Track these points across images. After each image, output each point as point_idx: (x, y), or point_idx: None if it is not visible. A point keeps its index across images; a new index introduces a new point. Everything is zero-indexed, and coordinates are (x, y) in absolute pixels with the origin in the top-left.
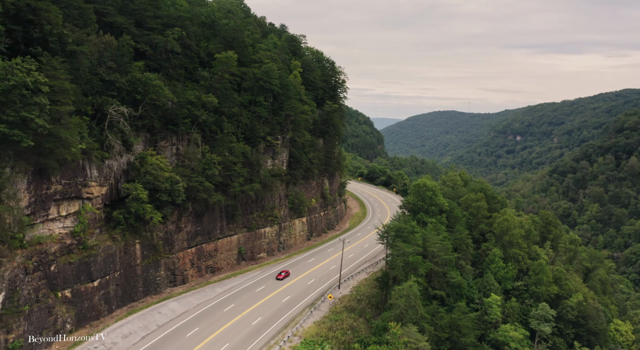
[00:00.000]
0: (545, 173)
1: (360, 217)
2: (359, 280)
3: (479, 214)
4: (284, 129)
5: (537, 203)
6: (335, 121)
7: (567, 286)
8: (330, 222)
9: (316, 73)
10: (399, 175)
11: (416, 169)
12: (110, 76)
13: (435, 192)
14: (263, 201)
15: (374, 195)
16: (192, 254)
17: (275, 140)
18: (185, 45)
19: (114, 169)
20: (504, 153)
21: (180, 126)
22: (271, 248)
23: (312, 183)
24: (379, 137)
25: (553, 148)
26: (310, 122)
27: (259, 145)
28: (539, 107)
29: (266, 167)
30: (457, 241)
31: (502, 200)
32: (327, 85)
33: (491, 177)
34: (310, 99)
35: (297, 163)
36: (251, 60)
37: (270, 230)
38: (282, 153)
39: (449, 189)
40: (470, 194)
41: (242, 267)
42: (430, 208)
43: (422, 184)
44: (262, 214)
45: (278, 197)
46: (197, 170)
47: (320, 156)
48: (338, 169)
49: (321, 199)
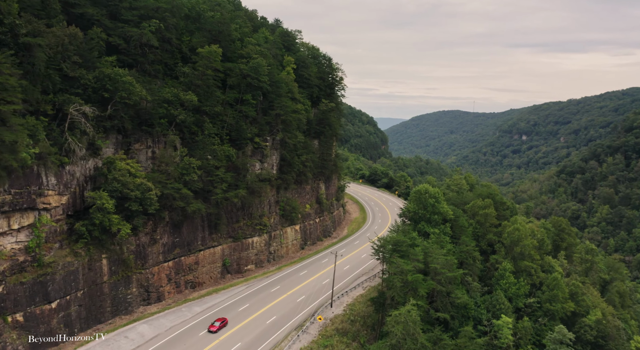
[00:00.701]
0: (552, 173)
1: (360, 222)
2: (354, 297)
3: (486, 223)
4: (274, 130)
5: (545, 204)
6: (331, 121)
7: (584, 302)
8: (327, 229)
9: (311, 70)
10: (402, 177)
11: (420, 169)
12: (75, 72)
13: (438, 199)
14: (250, 208)
15: (374, 198)
16: (169, 268)
17: (264, 141)
18: (165, 39)
19: (77, 175)
20: (510, 153)
21: (155, 127)
22: (260, 259)
23: (306, 187)
24: (382, 137)
25: (560, 147)
26: (304, 122)
27: (246, 147)
28: (545, 106)
29: (254, 171)
30: (463, 254)
31: (511, 207)
32: (324, 82)
33: (497, 177)
34: (304, 98)
35: (289, 166)
36: (238, 56)
37: (259, 240)
38: (271, 156)
39: (453, 194)
40: (477, 201)
41: (227, 281)
42: (432, 217)
43: (423, 190)
44: (249, 222)
45: (267, 203)
46: (173, 175)
47: (315, 158)
48: (335, 172)
49: (316, 205)
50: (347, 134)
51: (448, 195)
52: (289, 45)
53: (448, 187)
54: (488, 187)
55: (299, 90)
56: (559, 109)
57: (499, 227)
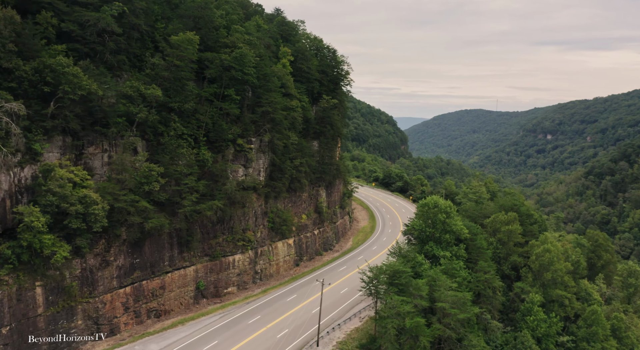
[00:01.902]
0: (579, 175)
1: (367, 232)
2: (348, 331)
3: (510, 242)
4: (261, 130)
5: (573, 208)
6: (333, 119)
7: (628, 339)
8: (328, 242)
9: (312, 63)
10: (418, 180)
11: (441, 170)
12: (10, 62)
13: (450, 215)
14: (231, 221)
15: (387, 204)
16: (126, 295)
17: (249, 143)
18: (132, 25)
19: (2, 186)
20: (534, 152)
21: (111, 127)
22: (243, 280)
23: (301, 195)
24: (402, 137)
25: (586, 147)
26: (300, 120)
27: (226, 150)
28: (570, 104)
29: (236, 178)
30: (480, 285)
31: (540, 220)
32: (326, 77)
33: (521, 178)
34: (302, 94)
35: (280, 172)
36: (222, 45)
37: (242, 258)
38: (258, 160)
39: (471, 203)
40: (499, 215)
41: (201, 307)
42: (443, 236)
43: (431, 204)
44: (230, 237)
45: (253, 215)
46: (129, 185)
47: (312, 162)
48: (339, 177)
49: (315, 215)
50: (365, 134)
51: (465, 206)
52: (287, 35)
53: (465, 195)
54: (512, 196)
55: (296, 85)
56: (585, 108)
57: (525, 245)
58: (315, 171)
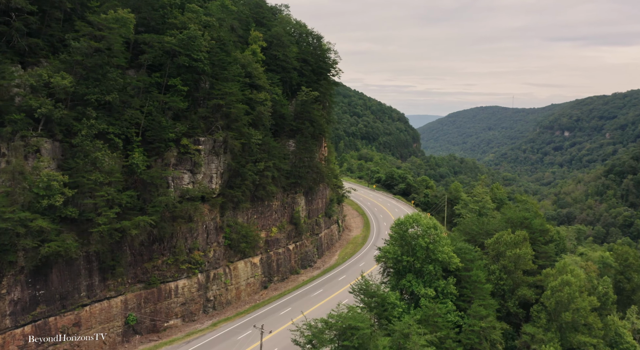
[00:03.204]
0: (599, 173)
1: (358, 244)
2: None
3: (518, 270)
4: (212, 127)
5: (592, 209)
6: (314, 115)
7: None
8: (308, 257)
9: (290, 50)
10: (422, 181)
11: (454, 168)
12: None
13: (434, 240)
14: (173, 240)
15: (385, 209)
16: (25, 336)
17: (196, 144)
18: (52, 2)
19: None
20: (551, 150)
21: (5, 125)
22: (190, 311)
23: (271, 205)
24: (414, 135)
25: (605, 144)
26: (267, 116)
27: (167, 152)
28: (588, 100)
29: (180, 186)
30: (474, 337)
31: (558, 238)
32: (308, 66)
33: (537, 176)
34: (275, 85)
35: (239, 177)
36: (170, 26)
37: (188, 284)
38: (209, 164)
39: (472, 215)
40: (505, 233)
41: (131, 347)
42: (425, 267)
43: (409, 222)
44: (171, 259)
45: (203, 231)
46: (20, 199)
47: (284, 165)
48: (323, 181)
49: (290, 226)
50: (375, 131)
51: (464, 221)
52: (261, 19)
53: (465, 206)
54: (523, 205)
55: (269, 75)
56: (603, 103)
57: (538, 274)
58: (289, 175)
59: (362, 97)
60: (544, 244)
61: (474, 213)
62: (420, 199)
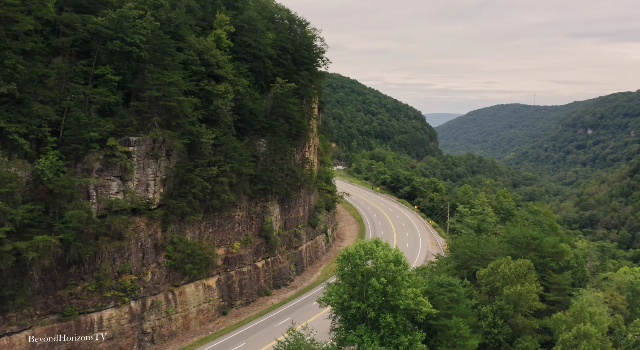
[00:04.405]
0: (624, 173)
1: None
2: None
3: (519, 314)
4: (148, 124)
5: (617, 212)
6: (290, 110)
7: None
8: (283, 275)
9: (265, 36)
10: (430, 183)
11: (472, 168)
12: None
13: (395, 280)
14: (96, 262)
15: (386, 215)
16: None
17: (126, 145)
18: None
19: None
20: (574, 148)
21: None
22: (119, 347)
23: (233, 215)
24: (431, 133)
25: (630, 142)
26: (225, 111)
27: (88, 156)
28: (612, 97)
29: (107, 196)
30: None
31: (575, 263)
32: (288, 55)
33: (559, 176)
34: (242, 76)
35: (185, 185)
36: (105, 4)
37: (116, 314)
38: (145, 168)
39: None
40: (503, 263)
41: None
42: (382, 318)
43: (359, 253)
44: (93, 285)
45: (138, 250)
46: None
47: (249, 169)
48: (305, 187)
49: (259, 240)
50: (389, 130)
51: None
52: (233, 1)
53: (460, 218)
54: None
55: (237, 64)
56: (628, 100)
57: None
58: (257, 181)
59: (377, 94)
60: (558, 272)
61: (471, 228)
62: (425, 204)
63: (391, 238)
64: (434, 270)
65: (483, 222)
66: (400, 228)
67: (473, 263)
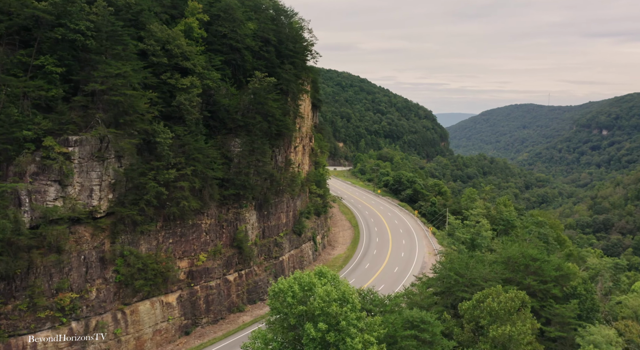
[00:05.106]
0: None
1: (337, 266)
2: None
3: None
4: (92, 122)
5: (633, 216)
6: (269, 107)
7: None
8: (259, 289)
9: (245, 27)
10: (434, 186)
11: (483, 169)
12: None
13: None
14: (30, 277)
15: (383, 220)
16: None
17: (65, 145)
18: None
19: None
20: (588, 149)
21: None
22: None
23: (199, 224)
24: (442, 133)
25: None
26: (187, 106)
27: (20, 157)
28: (628, 97)
29: (43, 203)
30: None
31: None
32: (269, 47)
33: (573, 177)
34: (215, 70)
35: (138, 190)
36: None
37: (53, 336)
38: (88, 172)
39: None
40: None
41: None
42: None
43: (290, 290)
44: (24, 304)
45: (81, 264)
46: None
47: (216, 172)
48: (287, 191)
49: (231, 251)
50: (399, 130)
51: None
52: None
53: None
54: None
55: (208, 55)
56: None
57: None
58: (229, 185)
59: (387, 93)
60: (562, 300)
61: (463, 244)
62: (427, 208)
63: (386, 246)
64: (411, 297)
65: (478, 236)
66: (397, 235)
67: (459, 289)
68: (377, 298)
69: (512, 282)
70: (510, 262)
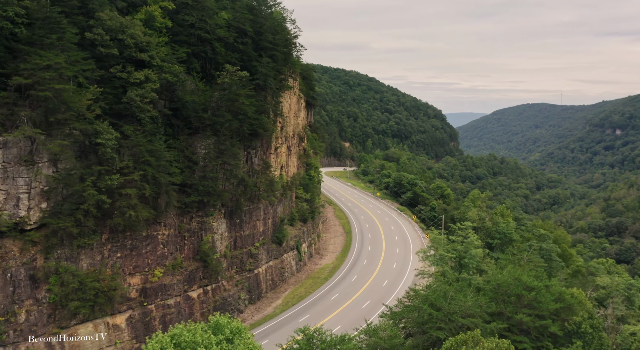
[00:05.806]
0: None
1: (322, 278)
2: None
3: None
4: (18, 121)
5: None
6: (240, 104)
7: None
8: (228, 306)
9: (217, 17)
10: (436, 189)
11: (493, 169)
12: None
13: None
14: None
15: (379, 226)
16: None
17: None
18: None
19: None
20: (601, 149)
21: None
22: None
23: (155, 235)
24: (452, 133)
25: None
26: (138, 103)
27: None
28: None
29: None
30: None
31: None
32: (245, 38)
33: (586, 178)
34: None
35: (75, 199)
36: None
37: None
38: (14, 178)
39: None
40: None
41: None
42: None
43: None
44: None
45: (7, 282)
46: None
47: (172, 177)
48: (264, 197)
49: (194, 264)
50: (407, 129)
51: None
52: None
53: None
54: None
55: (172, 46)
56: None
57: None
58: (192, 191)
59: (396, 92)
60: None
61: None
62: (426, 213)
63: (378, 255)
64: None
65: (466, 254)
66: (392, 243)
67: (433, 326)
68: (325, 341)
69: (501, 316)
70: (499, 291)
